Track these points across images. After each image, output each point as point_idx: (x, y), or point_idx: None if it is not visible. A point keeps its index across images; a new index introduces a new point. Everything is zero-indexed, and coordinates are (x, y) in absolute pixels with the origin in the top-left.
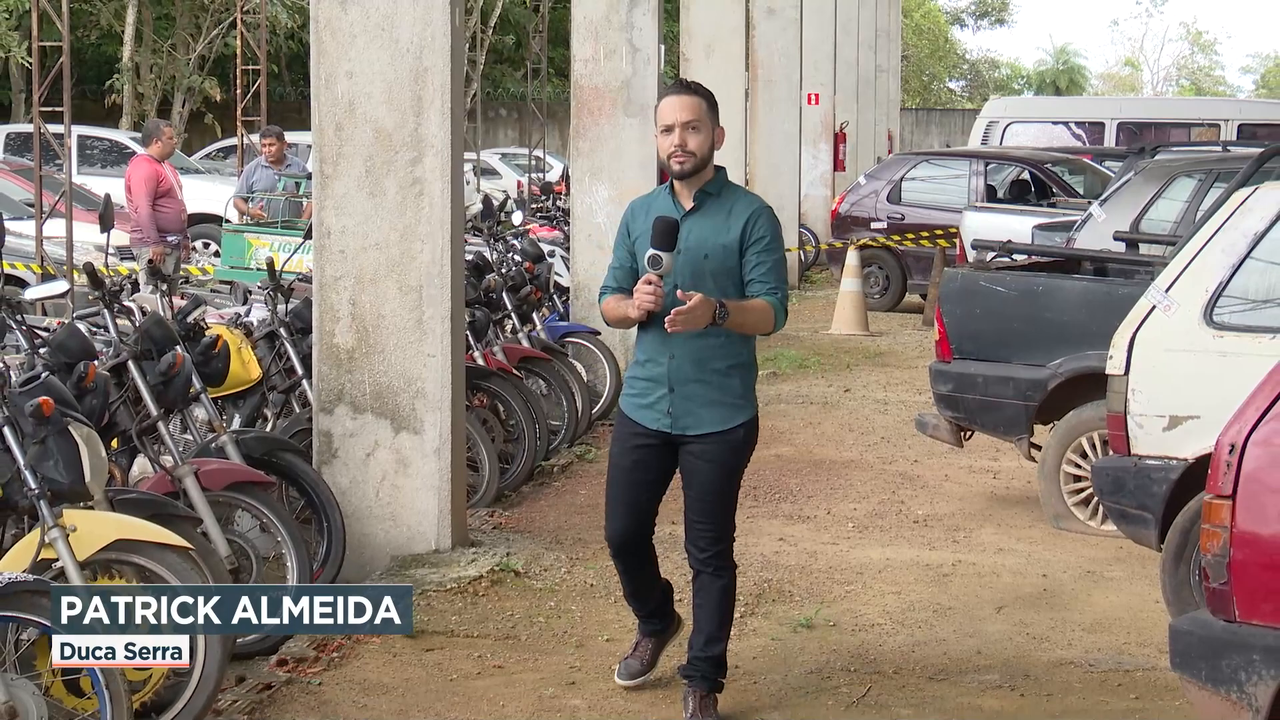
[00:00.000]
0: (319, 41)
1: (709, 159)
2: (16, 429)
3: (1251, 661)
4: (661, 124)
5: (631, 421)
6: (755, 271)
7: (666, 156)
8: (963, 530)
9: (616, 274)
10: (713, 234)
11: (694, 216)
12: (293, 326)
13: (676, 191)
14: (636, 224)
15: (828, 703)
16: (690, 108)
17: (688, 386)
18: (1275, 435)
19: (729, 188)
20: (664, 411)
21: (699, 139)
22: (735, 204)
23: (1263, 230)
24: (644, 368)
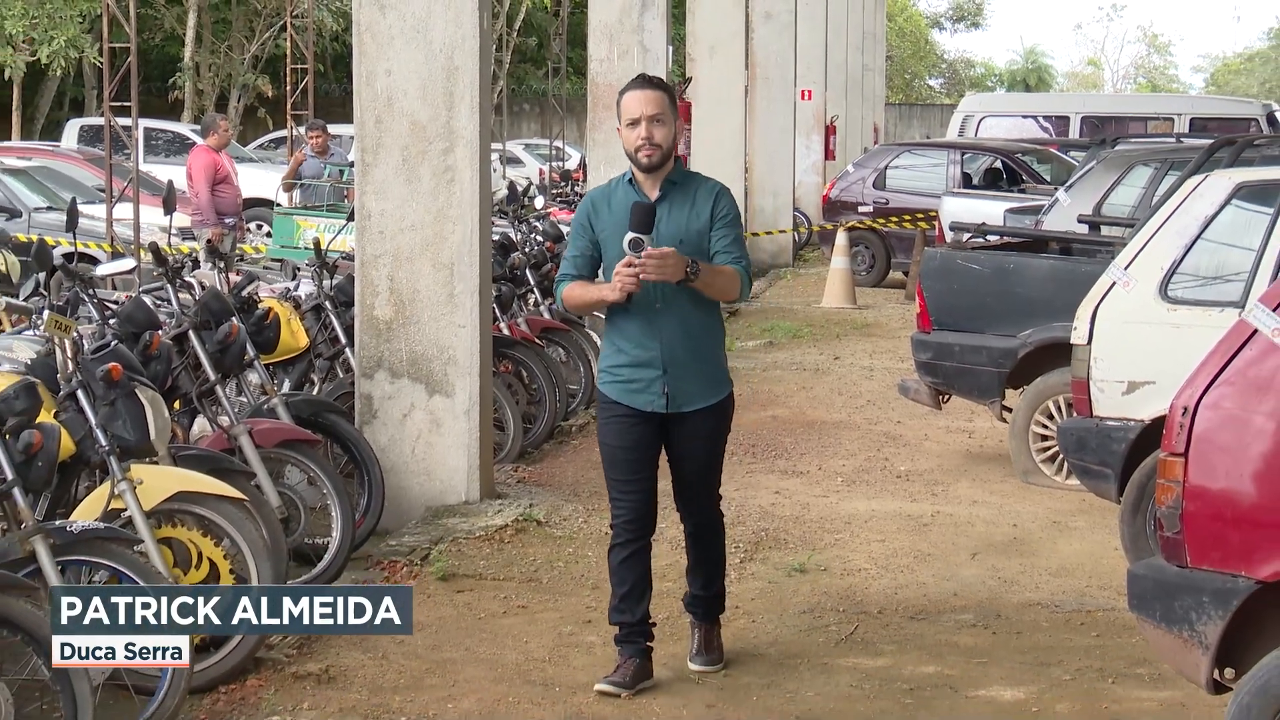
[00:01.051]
0: (360, 43)
1: (672, 151)
2: (89, 392)
3: (1202, 603)
4: (627, 117)
5: (620, 405)
6: (720, 244)
7: (634, 149)
8: (941, 484)
9: (576, 262)
10: (684, 221)
11: (663, 204)
12: (337, 300)
13: (639, 182)
14: (599, 215)
15: (819, 640)
16: (655, 101)
17: (682, 366)
18: (1224, 399)
19: (689, 175)
20: (659, 393)
21: (664, 131)
22: (698, 190)
23: (1212, 214)
24: (629, 354)
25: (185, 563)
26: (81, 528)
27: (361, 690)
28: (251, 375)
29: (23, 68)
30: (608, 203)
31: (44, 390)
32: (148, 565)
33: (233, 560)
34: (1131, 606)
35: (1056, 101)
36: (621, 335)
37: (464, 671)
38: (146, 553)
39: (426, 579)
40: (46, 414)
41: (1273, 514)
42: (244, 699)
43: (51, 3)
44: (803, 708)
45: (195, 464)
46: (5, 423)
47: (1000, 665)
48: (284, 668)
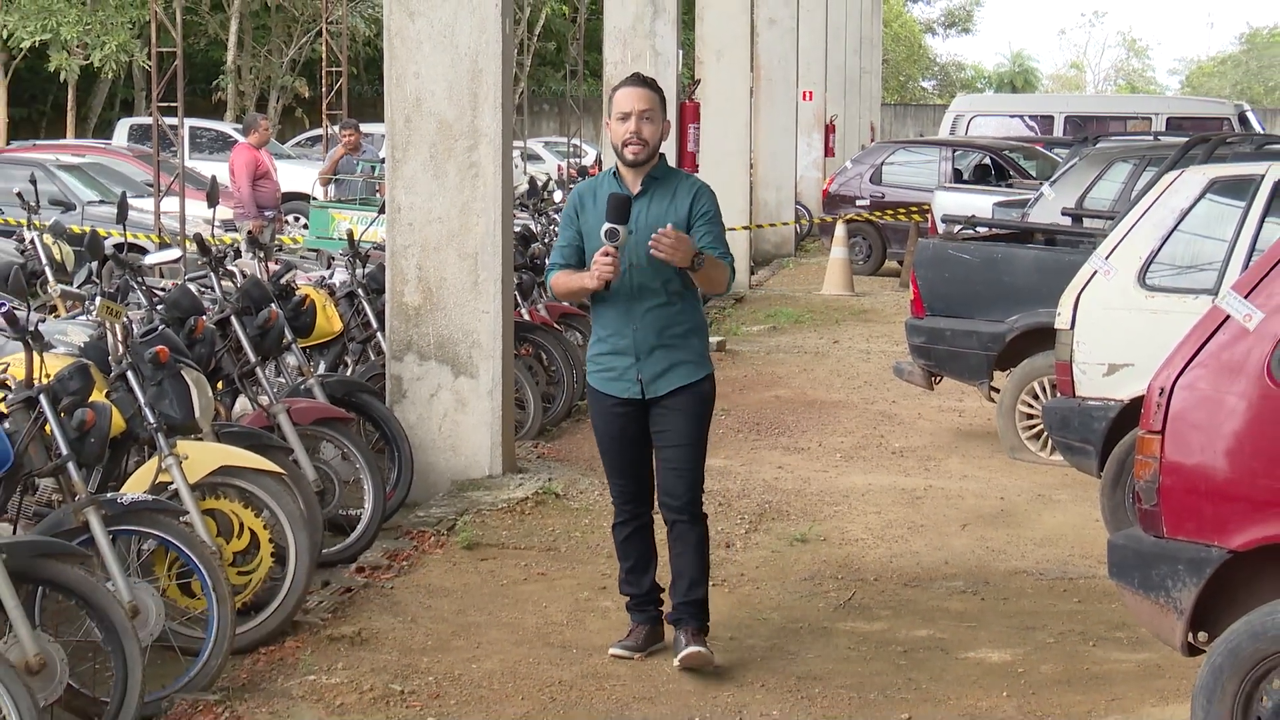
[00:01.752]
0: (391, 47)
1: (658, 148)
2: (138, 373)
3: (1177, 571)
4: (618, 111)
5: (604, 395)
6: (705, 240)
7: (621, 143)
8: (933, 460)
9: (564, 252)
10: (663, 214)
11: (643, 198)
12: (369, 287)
13: (623, 177)
14: (585, 208)
15: (819, 605)
16: (646, 99)
17: (654, 353)
18: (1199, 380)
19: (670, 171)
20: (633, 380)
21: (652, 128)
22: (678, 186)
23: (1187, 207)
24: (606, 343)
25: (228, 532)
26: (131, 499)
27: (392, 651)
28: (289, 357)
29: (77, 70)
30: (593, 196)
31: (96, 371)
32: (193, 535)
33: (272, 530)
34: (1111, 574)
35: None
36: (601, 324)
37: (487, 634)
38: (192, 523)
39: (452, 548)
40: (99, 394)
41: (1243, 488)
42: (282, 659)
43: (104, 10)
44: (803, 669)
45: (237, 440)
46: (60, 401)
47: (988, 629)
48: (319, 630)
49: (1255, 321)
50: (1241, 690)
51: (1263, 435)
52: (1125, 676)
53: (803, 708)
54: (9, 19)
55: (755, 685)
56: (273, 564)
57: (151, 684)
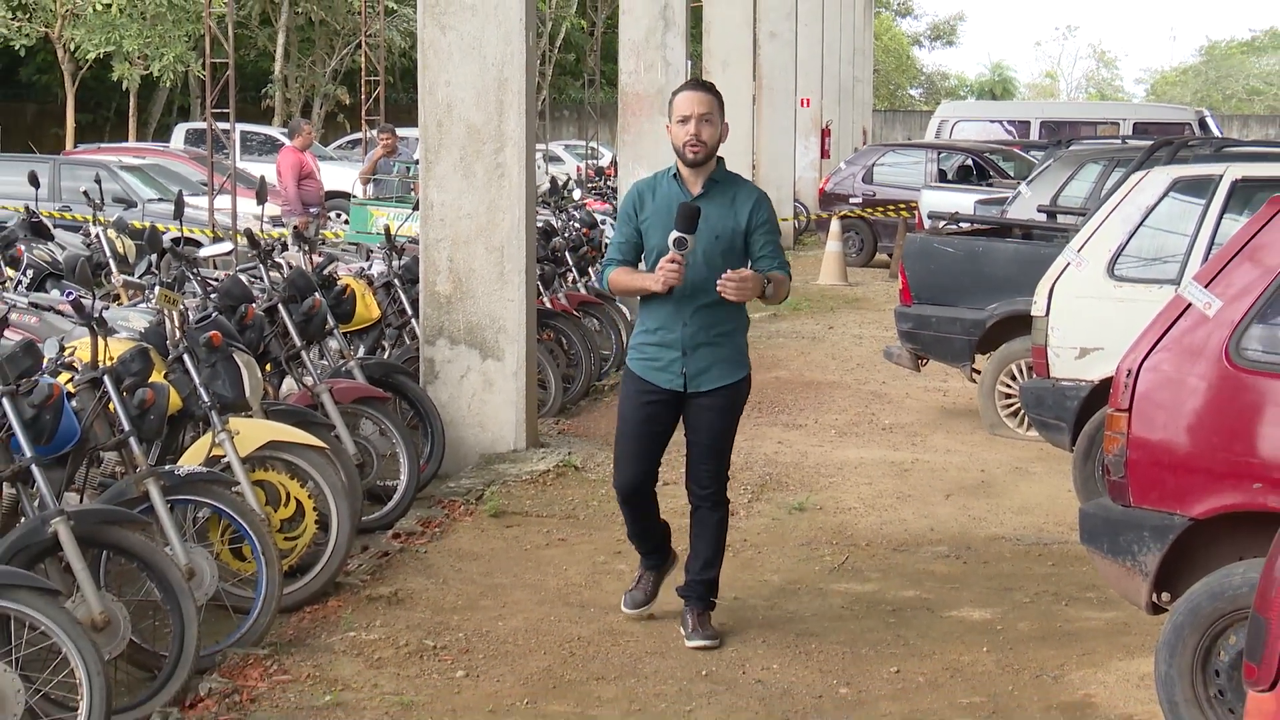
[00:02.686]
0: (424, 58)
1: (716, 150)
2: (194, 356)
3: (1143, 537)
4: (678, 115)
5: (643, 381)
6: (765, 250)
7: (682, 144)
8: (919, 435)
9: (622, 248)
10: (721, 218)
11: (703, 201)
12: (404, 278)
13: (684, 177)
14: (644, 206)
15: (815, 568)
16: (705, 103)
17: (700, 349)
18: (1163, 362)
19: (730, 176)
20: (678, 372)
21: (711, 130)
22: (738, 191)
23: (1152, 204)
24: (655, 335)
25: (275, 501)
26: (187, 471)
27: (425, 610)
28: (331, 342)
29: (138, 80)
30: (652, 194)
31: (155, 355)
32: (244, 503)
33: (316, 499)
34: (1083, 540)
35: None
36: (651, 317)
37: (512, 594)
38: (243, 493)
39: (480, 516)
40: (157, 375)
41: (1203, 461)
42: (325, 617)
43: (162, 24)
44: (801, 626)
45: (284, 417)
46: (123, 382)
47: (970, 590)
48: (359, 591)
49: (1214, 309)
50: (1201, 645)
51: (1220, 413)
52: (1095, 633)
53: (800, 661)
54: (76, 33)
55: (757, 641)
56: (316, 530)
57: (206, 639)
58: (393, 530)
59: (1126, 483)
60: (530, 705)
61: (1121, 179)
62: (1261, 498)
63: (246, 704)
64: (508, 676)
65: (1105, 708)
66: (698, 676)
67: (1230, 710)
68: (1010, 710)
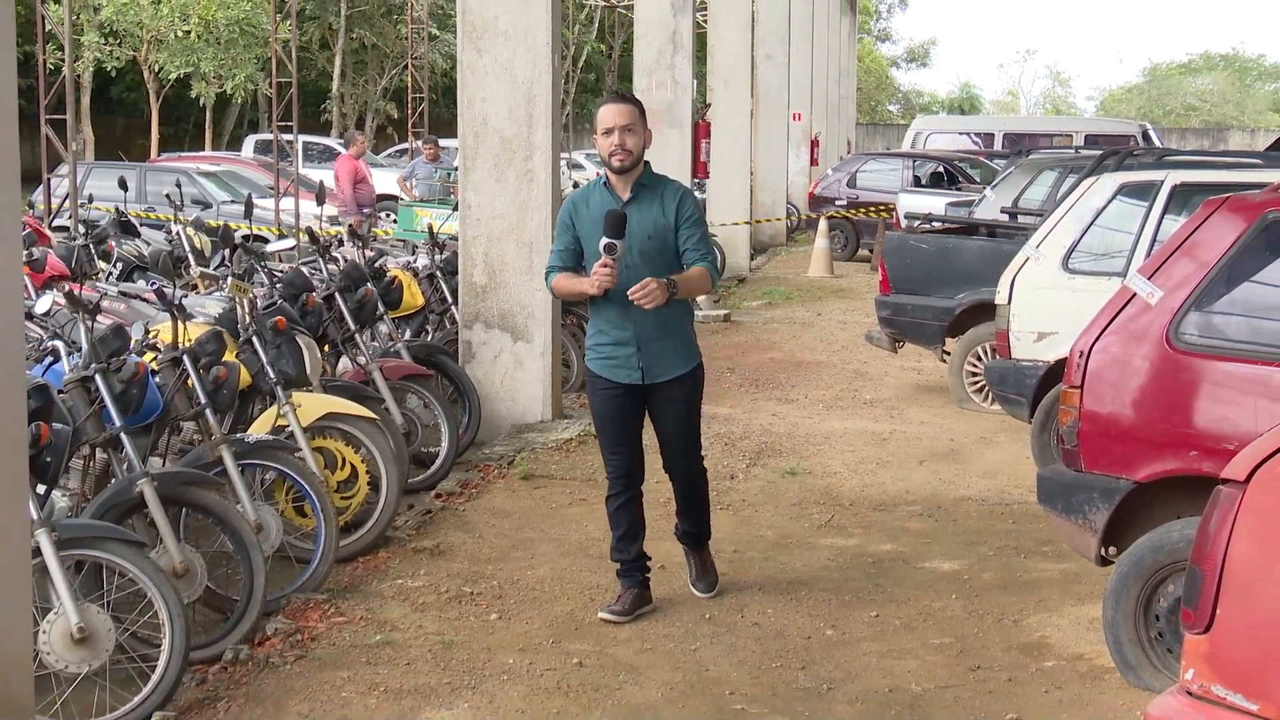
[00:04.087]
0: (463, 77)
1: (642, 156)
2: (261, 338)
3: (1092, 498)
4: (602, 127)
5: (603, 379)
6: (688, 243)
7: (608, 154)
8: (896, 409)
9: (561, 255)
10: (651, 217)
11: (633, 205)
12: (445, 270)
13: (613, 185)
14: (580, 215)
15: (804, 525)
16: (627, 113)
17: (653, 344)
18: (1111, 345)
19: (656, 178)
20: (634, 367)
21: (634, 139)
22: (664, 191)
23: (1102, 206)
24: (609, 335)
25: (333, 465)
26: (256, 439)
27: (463, 560)
28: (381, 326)
29: (213, 97)
30: (586, 204)
31: (228, 337)
32: (305, 467)
33: (368, 464)
34: (1040, 500)
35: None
36: (602, 319)
37: (539, 547)
38: (304, 458)
39: (512, 478)
40: (230, 354)
41: (1145, 432)
42: (376, 567)
43: (234, 48)
44: (792, 576)
45: (340, 392)
46: (199, 360)
47: (941, 544)
48: (405, 544)
49: (1156, 298)
50: (1143, 593)
51: (1161, 390)
52: (1050, 582)
53: (792, 607)
54: (160, 56)
55: (754, 589)
56: (368, 491)
57: (272, 586)
58: (435, 491)
59: (1078, 450)
60: (555, 644)
61: (1075, 184)
62: (1197, 463)
63: (307, 642)
64: (535, 619)
65: (1059, 648)
66: (701, 620)
67: (1169, 650)
68: (975, 650)
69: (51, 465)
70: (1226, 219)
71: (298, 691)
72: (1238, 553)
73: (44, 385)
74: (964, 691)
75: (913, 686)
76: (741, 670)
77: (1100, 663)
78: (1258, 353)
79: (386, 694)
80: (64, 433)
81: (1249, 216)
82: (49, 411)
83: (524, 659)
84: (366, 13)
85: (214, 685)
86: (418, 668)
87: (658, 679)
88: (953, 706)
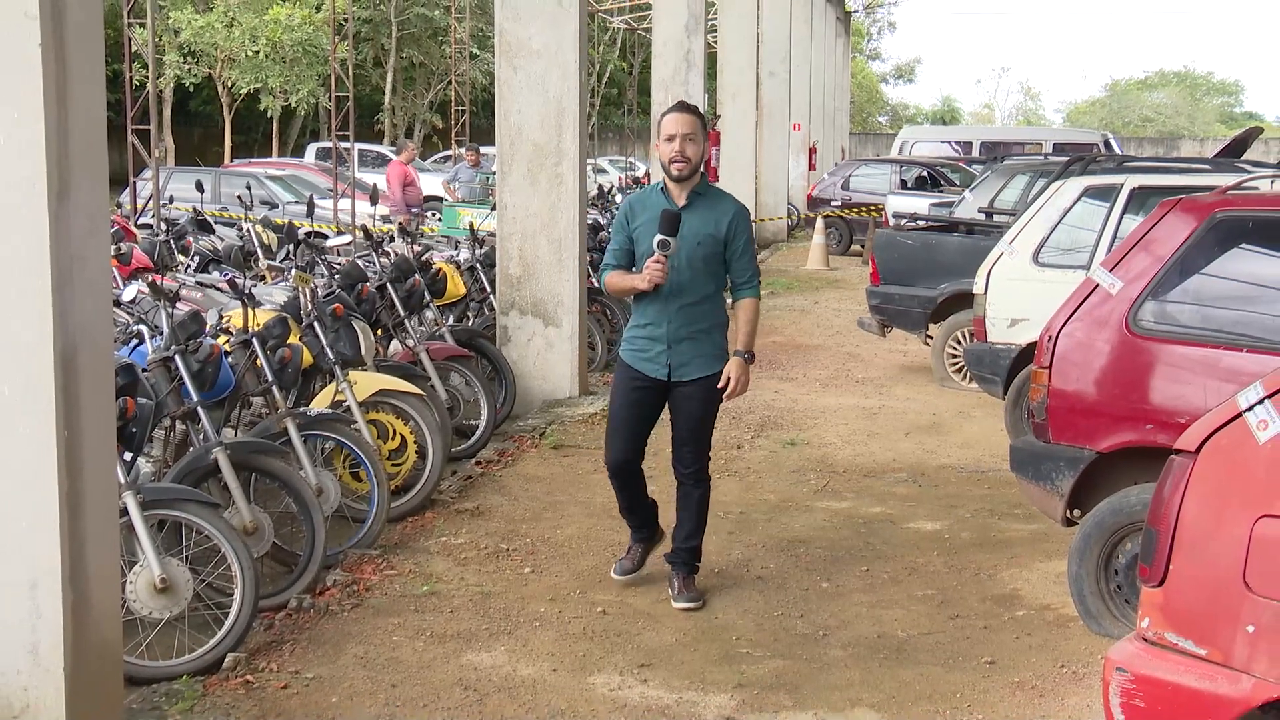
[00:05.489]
0: (500, 92)
1: (699, 165)
2: (322, 323)
3: (1059, 466)
4: (665, 134)
5: (632, 369)
6: (738, 265)
7: (668, 161)
8: (885, 387)
9: (616, 254)
10: (704, 226)
11: (688, 211)
12: (484, 263)
13: (670, 191)
14: (635, 217)
15: (803, 490)
16: (689, 123)
17: (682, 344)
18: (1076, 330)
19: (712, 189)
20: (663, 363)
21: (695, 148)
22: (720, 204)
23: (1068, 207)
24: (645, 329)
25: (385, 436)
26: (317, 412)
27: (500, 520)
28: (428, 312)
29: (279, 109)
30: (643, 205)
31: (292, 322)
32: (360, 437)
33: (416, 435)
34: (1012, 468)
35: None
36: (642, 313)
37: (567, 509)
38: (360, 429)
39: (543, 448)
40: (294, 337)
41: (1106, 408)
42: (423, 526)
43: (298, 66)
44: (792, 534)
45: (391, 371)
46: (267, 343)
47: (924, 507)
48: (449, 505)
49: (1117, 289)
50: (1104, 550)
51: (1121, 370)
52: (1021, 541)
53: (791, 561)
54: (232, 73)
55: (757, 546)
56: (416, 459)
57: (331, 542)
58: (475, 459)
59: (1047, 424)
60: (581, 595)
61: (1044, 187)
62: (1152, 436)
63: (362, 592)
64: (564, 572)
65: (1029, 599)
66: (711, 574)
67: (1126, 601)
68: (955, 601)
69: (137, 435)
70: (1179, 218)
71: (354, 635)
72: (1189, 515)
73: (130, 364)
74: (944, 637)
75: (899, 633)
76: (746, 618)
77: (1066, 612)
78: (1207, 337)
79: (432, 638)
80: (147, 407)
81: (1199, 216)
82: (134, 388)
83: (554, 607)
84: (415, 35)
85: (280, 630)
86: (460, 615)
87: (672, 625)
88: (934, 650)
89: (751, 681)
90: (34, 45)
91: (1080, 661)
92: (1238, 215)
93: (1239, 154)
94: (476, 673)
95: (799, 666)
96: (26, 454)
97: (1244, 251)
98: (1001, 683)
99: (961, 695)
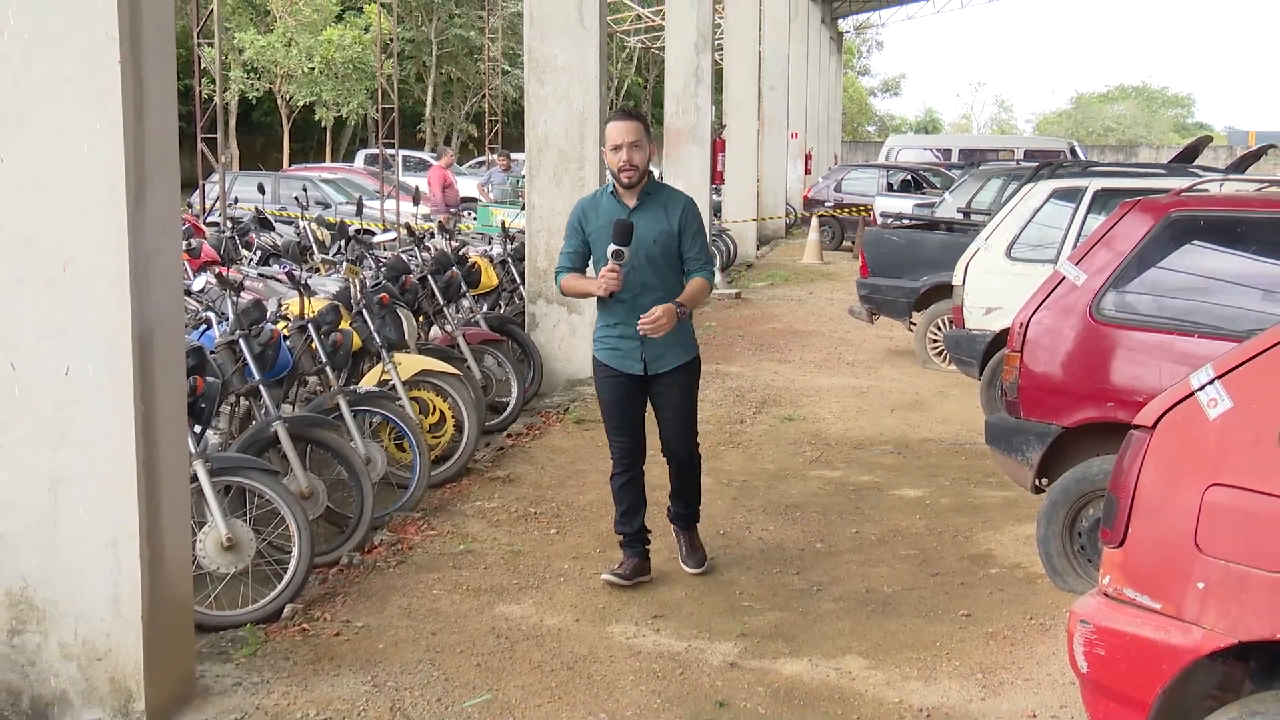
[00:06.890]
0: (529, 104)
1: (646, 169)
2: (370, 311)
3: (1029, 439)
4: (611, 144)
5: (609, 367)
6: (690, 252)
7: (617, 169)
8: (873, 369)
9: (570, 257)
10: (657, 224)
11: (639, 213)
12: (514, 257)
13: (620, 194)
14: (588, 220)
15: (799, 460)
16: (633, 130)
17: (655, 339)
18: (1044, 318)
19: (660, 187)
20: (637, 359)
21: (641, 154)
22: (669, 200)
23: (1038, 207)
24: (615, 329)
25: (426, 412)
26: (366, 390)
27: (529, 487)
28: (464, 301)
29: (332, 120)
30: (595, 209)
31: (344, 309)
32: (404, 412)
33: (454, 411)
34: (987, 441)
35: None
36: (609, 314)
37: (589, 477)
38: (404, 405)
39: (567, 422)
40: (345, 323)
41: (1071, 387)
42: (460, 492)
43: (349, 81)
44: (789, 500)
45: (432, 354)
46: (321, 328)
47: (908, 476)
48: (483, 473)
49: (1081, 281)
50: (1069, 515)
51: (1084, 354)
52: (995, 507)
53: (789, 525)
54: (290, 88)
55: (758, 510)
56: (454, 432)
57: (378, 506)
58: (506, 432)
59: (1018, 402)
60: (601, 553)
61: (1016, 189)
62: (1113, 413)
63: (406, 550)
64: (586, 533)
65: (1001, 558)
66: (717, 535)
67: (1089, 560)
68: (935, 560)
69: (205, 410)
70: (1138, 217)
71: (398, 589)
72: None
73: (199, 347)
74: (925, 592)
75: (885, 588)
76: (749, 575)
77: (1034, 570)
78: (1162, 324)
79: (468, 591)
80: (215, 385)
81: (1156, 215)
82: (203, 368)
83: (577, 565)
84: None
85: (333, 583)
86: (493, 571)
87: (682, 581)
88: (916, 604)
89: (753, 631)
90: (114, 63)
91: (1047, 614)
92: (1190, 215)
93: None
94: (507, 622)
95: (795, 618)
96: (108, 426)
97: (1196, 247)
98: (977, 633)
99: (941, 644)
